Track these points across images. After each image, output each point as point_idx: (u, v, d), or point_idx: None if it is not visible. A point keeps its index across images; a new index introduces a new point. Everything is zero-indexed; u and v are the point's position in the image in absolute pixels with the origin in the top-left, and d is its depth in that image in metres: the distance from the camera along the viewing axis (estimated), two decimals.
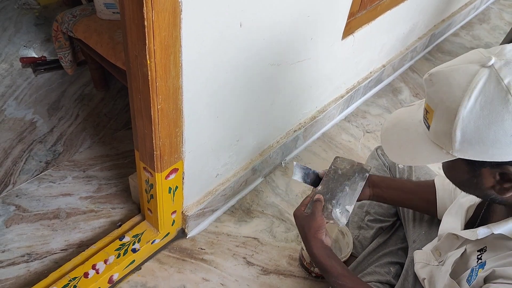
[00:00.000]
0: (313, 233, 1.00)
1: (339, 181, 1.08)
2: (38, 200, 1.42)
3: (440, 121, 0.72)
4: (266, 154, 1.51)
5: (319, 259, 0.99)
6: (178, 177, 1.19)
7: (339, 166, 1.11)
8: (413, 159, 0.81)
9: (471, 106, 0.67)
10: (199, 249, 1.36)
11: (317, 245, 0.99)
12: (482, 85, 0.67)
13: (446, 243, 0.97)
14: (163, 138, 1.03)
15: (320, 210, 1.02)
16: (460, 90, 0.68)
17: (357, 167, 1.10)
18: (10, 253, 1.28)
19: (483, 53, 0.71)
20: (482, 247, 0.84)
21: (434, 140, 0.75)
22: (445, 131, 0.71)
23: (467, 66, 0.70)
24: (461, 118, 0.68)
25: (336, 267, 0.97)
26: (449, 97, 0.70)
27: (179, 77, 0.96)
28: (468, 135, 0.68)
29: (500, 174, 0.71)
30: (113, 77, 1.82)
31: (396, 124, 0.88)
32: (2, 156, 1.55)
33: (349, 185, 1.07)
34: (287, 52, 1.25)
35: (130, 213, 1.41)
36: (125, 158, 1.58)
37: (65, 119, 1.71)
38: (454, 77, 0.70)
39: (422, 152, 0.78)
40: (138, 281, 1.26)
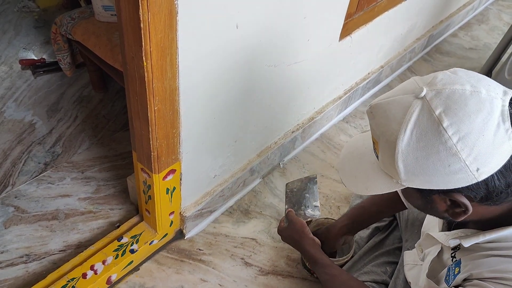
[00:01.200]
0: (300, 234, 1.15)
1: (297, 194, 1.28)
2: (37, 201, 1.43)
3: (384, 153, 0.73)
4: (264, 155, 1.51)
5: (309, 253, 1.11)
6: (176, 178, 1.20)
7: (292, 187, 1.31)
8: (367, 188, 0.81)
9: (407, 139, 0.68)
10: (197, 250, 1.36)
11: (308, 242, 1.13)
12: (416, 117, 0.67)
13: (425, 241, 0.99)
14: (160, 139, 1.04)
15: (295, 216, 1.20)
16: (396, 123, 0.69)
17: (306, 179, 1.31)
18: (9, 254, 1.28)
19: (418, 82, 0.71)
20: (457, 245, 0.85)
21: (384, 169, 0.76)
22: (390, 162, 0.72)
23: (402, 97, 0.70)
24: (400, 151, 0.69)
25: (325, 259, 1.10)
26: (388, 130, 0.71)
27: (176, 78, 0.96)
28: (409, 166, 0.69)
29: (450, 200, 0.72)
30: (111, 79, 1.83)
31: (351, 152, 0.90)
32: (1, 157, 1.55)
33: (307, 192, 1.27)
34: (284, 53, 1.25)
35: (129, 214, 1.42)
36: (123, 159, 1.59)
37: (64, 121, 1.71)
38: (390, 110, 0.71)
39: (374, 181, 0.79)
40: (136, 282, 1.26)
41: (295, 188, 1.31)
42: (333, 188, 1.59)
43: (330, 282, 1.05)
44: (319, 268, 1.08)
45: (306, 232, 1.15)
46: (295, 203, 1.27)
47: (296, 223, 1.17)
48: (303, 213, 1.24)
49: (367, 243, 1.30)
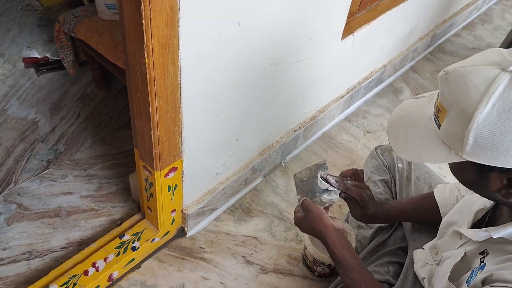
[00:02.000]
0: (320, 222, 1.00)
1: (309, 183, 1.13)
2: (39, 199, 1.43)
3: (453, 122, 0.70)
4: (266, 153, 1.51)
5: (332, 249, 0.98)
6: (178, 176, 1.20)
7: (301, 177, 1.16)
8: (420, 157, 0.78)
9: (487, 112, 0.65)
10: (199, 248, 1.36)
11: (329, 234, 0.98)
12: (501, 91, 0.64)
13: (448, 241, 0.96)
14: (162, 136, 1.04)
15: (311, 204, 1.03)
16: (477, 94, 0.66)
17: (314, 166, 1.15)
18: (11, 251, 1.29)
19: (505, 55, 0.68)
20: (483, 250, 0.84)
21: (443, 139, 0.73)
22: (457, 133, 0.69)
23: (486, 68, 0.67)
24: (475, 123, 0.66)
25: (348, 259, 0.97)
26: (465, 99, 0.67)
27: (178, 76, 0.96)
28: (481, 140, 0.66)
29: (508, 179, 0.70)
30: (114, 77, 1.83)
31: (403, 117, 0.85)
32: (5, 155, 1.56)
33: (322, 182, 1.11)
34: (286, 52, 1.25)
35: (130, 211, 1.42)
36: (125, 157, 1.59)
37: (66, 119, 1.72)
38: (471, 79, 0.67)
39: (429, 151, 0.75)
40: (138, 279, 1.27)
41: (304, 177, 1.16)
42: None
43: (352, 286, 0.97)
44: (340, 268, 0.99)
45: (326, 220, 1.01)
46: (308, 191, 1.12)
47: (313, 211, 1.02)
48: (319, 199, 1.08)
49: (370, 243, 1.29)
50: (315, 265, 1.30)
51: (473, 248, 0.87)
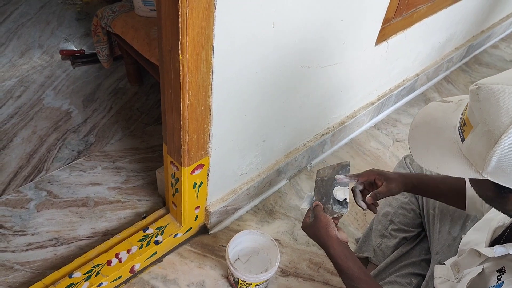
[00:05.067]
0: (325, 232, 0.99)
1: (327, 185, 1.11)
2: (69, 188, 1.47)
3: (478, 140, 0.68)
4: (292, 156, 1.51)
5: (336, 260, 0.97)
6: (203, 173, 1.21)
7: (323, 175, 1.15)
8: (439, 167, 0.76)
9: None
10: (221, 246, 1.37)
11: (333, 244, 0.98)
12: None
13: (467, 259, 0.94)
14: (191, 133, 1.05)
15: (321, 211, 1.03)
16: (508, 117, 0.63)
17: (338, 167, 1.14)
18: (39, 237, 1.33)
19: None
20: (501, 267, 0.81)
21: (465, 154, 0.71)
22: (480, 152, 0.67)
23: None
24: (501, 147, 0.64)
25: (353, 269, 0.95)
26: (494, 120, 0.65)
27: (210, 74, 0.97)
28: (504, 164, 0.65)
29: None
30: (147, 72, 1.87)
31: (428, 122, 0.82)
32: (38, 143, 1.61)
33: (338, 183, 1.09)
34: (319, 55, 1.25)
35: (155, 206, 1.44)
36: (154, 152, 1.61)
37: (98, 111, 1.76)
38: (504, 100, 0.64)
39: (449, 163, 0.73)
40: (159, 273, 1.28)
41: (325, 176, 1.15)
42: None
43: None
44: (345, 279, 0.98)
45: (331, 231, 1.00)
46: (324, 194, 1.11)
47: (320, 220, 1.01)
48: (331, 207, 1.07)
49: (393, 252, 1.27)
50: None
51: (491, 265, 0.85)
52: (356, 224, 1.48)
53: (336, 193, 1.06)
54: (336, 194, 1.06)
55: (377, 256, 1.31)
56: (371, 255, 1.32)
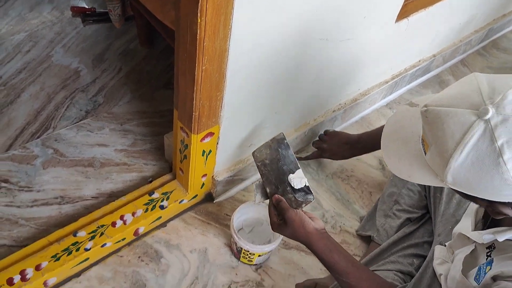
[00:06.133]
0: (303, 231, 0.97)
1: (273, 169, 1.06)
2: (75, 147, 1.46)
3: (434, 158, 0.72)
4: (302, 130, 1.49)
5: (321, 256, 0.97)
6: (213, 141, 1.19)
7: (262, 158, 1.09)
8: (410, 176, 0.80)
9: (462, 160, 0.67)
10: (225, 215, 1.37)
11: (313, 240, 0.96)
12: (475, 141, 0.65)
13: (458, 242, 0.96)
14: (203, 99, 1.03)
15: (288, 208, 0.99)
16: (453, 141, 0.67)
17: (274, 144, 1.09)
18: (45, 194, 1.33)
19: (484, 96, 0.66)
20: (491, 244, 0.84)
21: (430, 165, 0.75)
22: (438, 167, 0.72)
23: (464, 113, 0.67)
24: (451, 168, 0.68)
25: (339, 263, 0.96)
26: (442, 143, 0.69)
27: (227, 40, 0.94)
28: (458, 181, 0.69)
29: (490, 202, 0.71)
30: (158, 35, 1.83)
31: (396, 130, 0.86)
32: (46, 100, 1.59)
33: (283, 163, 1.05)
34: (338, 28, 1.21)
35: (162, 171, 1.44)
36: (162, 117, 1.60)
37: (108, 72, 1.73)
38: (448, 124, 0.68)
39: (418, 173, 0.78)
40: (162, 238, 1.29)
41: (266, 159, 1.07)
42: (367, 173, 1.56)
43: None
44: (334, 274, 0.98)
45: (308, 226, 0.97)
46: (276, 182, 1.04)
47: (293, 220, 0.97)
48: (293, 197, 1.00)
49: (396, 232, 1.27)
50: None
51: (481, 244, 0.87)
52: (361, 202, 1.48)
53: (293, 182, 1.01)
54: (293, 182, 1.01)
55: (380, 235, 1.31)
56: (374, 234, 1.32)
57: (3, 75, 1.64)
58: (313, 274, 1.28)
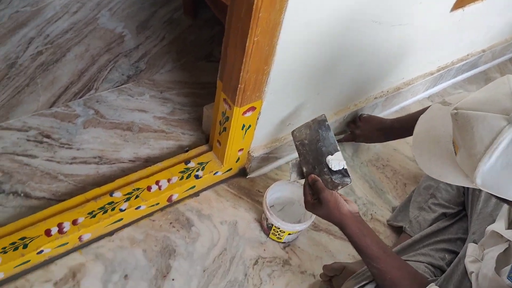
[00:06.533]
0: (337, 212, 0.98)
1: (312, 149, 1.06)
2: (115, 110, 1.48)
3: (464, 160, 0.72)
4: (341, 115, 1.47)
5: (353, 238, 0.98)
6: (254, 116, 1.19)
7: (301, 137, 1.10)
8: (441, 176, 0.80)
9: (491, 164, 0.67)
10: (257, 191, 1.37)
11: (347, 222, 0.97)
12: (505, 146, 0.65)
13: (490, 240, 0.95)
14: (250, 72, 1.02)
15: (324, 188, 1.00)
16: (482, 145, 0.68)
17: (314, 125, 1.08)
18: (84, 152, 1.35)
19: None
20: None
21: (460, 166, 0.75)
22: (468, 170, 0.72)
23: (494, 117, 0.67)
24: (480, 172, 0.68)
25: (371, 248, 0.96)
26: (471, 147, 0.69)
27: (282, 13, 0.93)
28: (488, 184, 0.70)
29: None
30: (203, 6, 1.82)
31: (428, 130, 0.86)
32: (90, 62, 1.61)
33: (322, 143, 1.05)
34: (392, 12, 1.17)
35: (198, 141, 1.44)
36: (202, 89, 1.60)
37: (151, 39, 1.74)
38: (478, 128, 0.68)
39: (449, 173, 0.78)
40: (194, 207, 1.30)
41: (305, 139, 1.07)
42: (403, 165, 1.53)
43: (378, 276, 0.97)
44: (364, 258, 0.98)
45: (343, 208, 0.98)
46: (314, 162, 1.04)
47: (329, 200, 0.98)
48: (329, 178, 0.99)
49: (430, 226, 1.25)
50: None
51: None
52: (394, 192, 1.46)
53: (331, 163, 1.01)
54: (331, 164, 1.01)
55: (413, 227, 1.29)
56: (406, 226, 1.31)
57: (50, 34, 1.67)
58: (341, 258, 1.28)
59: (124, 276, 1.13)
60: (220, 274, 1.18)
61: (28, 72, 1.53)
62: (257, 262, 1.23)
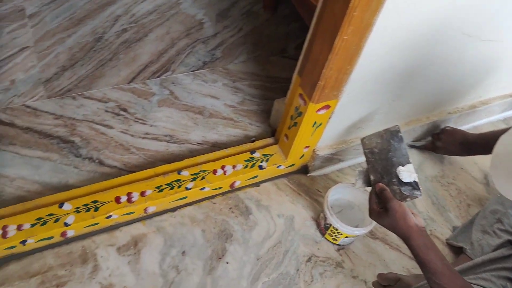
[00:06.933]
0: (403, 223, 0.96)
1: (381, 158, 1.04)
2: (189, 93, 1.53)
3: None
4: (412, 125, 1.44)
5: (416, 251, 0.95)
6: (326, 115, 1.19)
7: (371, 146, 1.07)
8: None
9: None
10: (316, 189, 1.38)
11: (413, 235, 0.95)
12: None
13: None
14: (333, 70, 1.03)
15: (392, 197, 0.99)
16: None
17: (387, 135, 1.06)
18: (156, 129, 1.41)
19: None
20: None
21: None
22: None
23: None
24: None
25: (435, 263, 0.93)
26: None
27: (375, 15, 0.92)
28: None
29: None
30: (282, 2, 1.85)
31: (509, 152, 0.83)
32: (169, 44, 1.67)
33: (393, 154, 1.03)
34: (484, 26, 1.14)
35: (264, 134, 1.47)
36: (273, 83, 1.62)
37: (229, 29, 1.78)
38: None
39: None
40: (254, 196, 1.32)
41: (375, 148, 1.06)
42: (469, 185, 1.48)
43: None
44: (426, 273, 0.95)
45: (410, 220, 0.96)
46: (382, 172, 1.02)
47: (396, 210, 0.97)
48: (398, 189, 0.98)
49: (493, 251, 1.20)
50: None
51: None
52: (457, 212, 1.41)
53: (402, 174, 1.00)
54: (402, 175, 1.00)
55: (474, 250, 1.25)
56: (467, 247, 1.27)
57: (136, 13, 1.75)
58: (394, 269, 1.25)
59: (182, 252, 1.17)
60: (273, 265, 1.20)
61: (112, 48, 1.61)
62: (310, 259, 1.23)
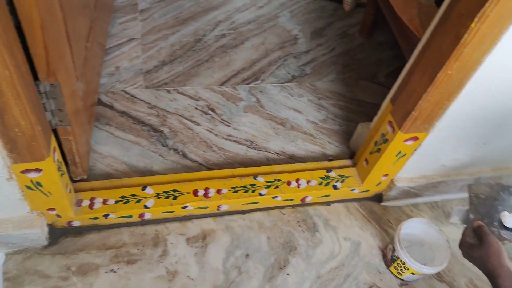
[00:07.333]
0: (496, 260, 0.92)
1: (486, 204, 1.04)
2: (275, 103, 1.57)
3: None
4: (499, 172, 1.37)
5: None
6: (413, 146, 1.17)
7: (478, 191, 1.07)
8: None
9: None
10: (387, 220, 1.35)
11: (503, 275, 0.90)
12: None
13: None
14: (430, 103, 1.01)
15: (491, 235, 0.95)
16: None
17: (497, 186, 1.06)
18: (239, 133, 1.46)
19: None
20: None
21: None
22: None
23: None
24: None
25: None
26: None
27: (487, 53, 0.90)
28: None
29: None
30: (378, 28, 1.84)
31: None
32: (263, 54, 1.73)
33: (500, 203, 1.03)
34: None
35: (341, 155, 1.47)
36: (358, 106, 1.62)
37: (322, 47, 1.80)
38: None
39: None
40: (323, 214, 1.32)
41: (482, 194, 1.07)
42: None
43: None
44: None
45: (503, 259, 0.92)
46: (484, 214, 1.03)
47: (492, 245, 0.94)
48: (497, 231, 0.99)
49: None
50: None
51: None
52: None
53: (505, 219, 0.99)
54: (505, 219, 0.99)
55: None
56: None
57: (236, 21, 1.83)
58: None
59: (245, 255, 1.20)
60: (333, 286, 1.19)
61: (210, 50, 1.70)
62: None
